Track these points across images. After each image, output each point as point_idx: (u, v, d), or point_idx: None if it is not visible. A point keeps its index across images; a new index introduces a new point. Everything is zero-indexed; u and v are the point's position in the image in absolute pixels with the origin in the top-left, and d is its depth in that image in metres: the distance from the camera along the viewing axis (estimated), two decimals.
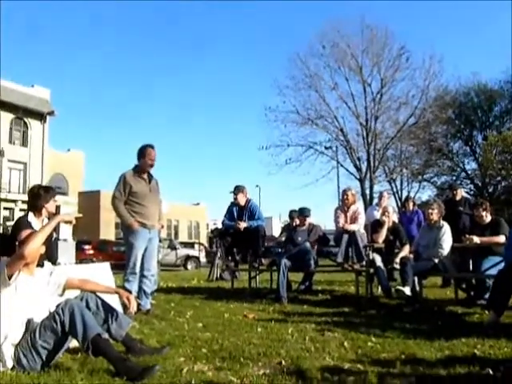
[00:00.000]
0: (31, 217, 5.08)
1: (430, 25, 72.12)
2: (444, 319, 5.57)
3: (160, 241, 16.64)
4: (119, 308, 4.16)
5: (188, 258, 25.64)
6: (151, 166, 6.50)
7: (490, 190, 38.26)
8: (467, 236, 6.67)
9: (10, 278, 3.45)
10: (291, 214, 9.83)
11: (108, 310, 3.74)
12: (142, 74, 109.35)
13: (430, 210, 7.03)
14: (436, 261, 6.69)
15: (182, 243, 31.52)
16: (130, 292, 6.20)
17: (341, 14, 49.63)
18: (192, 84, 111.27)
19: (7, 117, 41.78)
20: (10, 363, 3.35)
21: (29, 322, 3.49)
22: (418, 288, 6.77)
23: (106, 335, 3.51)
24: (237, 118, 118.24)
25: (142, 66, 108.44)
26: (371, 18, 33.80)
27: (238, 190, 8.61)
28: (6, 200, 39.97)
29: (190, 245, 34.63)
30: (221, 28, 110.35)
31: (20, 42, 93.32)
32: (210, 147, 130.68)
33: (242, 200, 8.56)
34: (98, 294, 3.86)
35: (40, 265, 3.82)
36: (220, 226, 10.03)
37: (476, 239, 6.54)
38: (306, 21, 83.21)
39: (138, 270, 6.34)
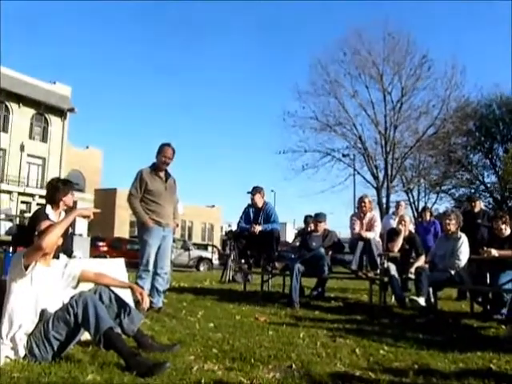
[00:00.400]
0: (49, 209, 5.11)
1: (452, 34, 71.55)
2: (459, 332, 5.48)
3: (174, 241, 16.64)
4: (131, 303, 4.16)
5: (201, 259, 25.61)
6: (165, 163, 6.47)
7: (510, 204, 37.74)
8: (485, 249, 6.58)
9: (26, 268, 3.47)
10: (306, 219, 9.80)
11: (121, 304, 3.75)
12: (161, 74, 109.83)
13: (448, 221, 6.94)
14: (452, 272, 6.61)
15: (195, 244, 31.57)
16: (143, 289, 6.23)
17: (363, 21, 49.36)
18: (211, 85, 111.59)
19: (28, 112, 42.33)
20: (22, 352, 3.38)
21: (43, 313, 3.51)
22: (432, 299, 6.69)
23: (118, 329, 3.50)
24: (255, 121, 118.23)
25: (161, 66, 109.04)
26: (393, 26, 33.40)
27: (255, 190, 8.51)
28: (24, 194, 40.39)
29: (204, 246, 34.65)
30: (242, 31, 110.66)
31: (44, 40, 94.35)
32: (226, 150, 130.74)
33: (259, 201, 8.46)
34: (112, 288, 3.86)
35: (56, 257, 3.83)
36: (234, 228, 10.00)
37: (494, 252, 6.44)
38: (328, 26, 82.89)
39: (151, 267, 6.34)
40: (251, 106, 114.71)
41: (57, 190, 5.19)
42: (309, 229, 9.05)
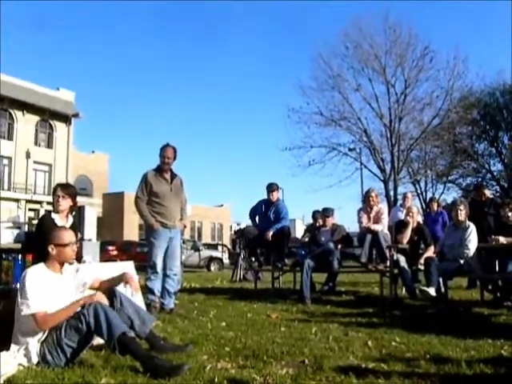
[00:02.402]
0: (54, 214, 5.14)
1: (453, 24, 70.94)
2: (470, 320, 5.50)
3: (183, 242, 16.66)
4: (143, 306, 4.18)
5: (211, 259, 25.68)
6: (165, 163, 6.51)
7: None
8: (493, 236, 6.58)
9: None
10: (314, 215, 9.81)
11: (132, 307, 3.77)
12: (166, 75, 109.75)
13: (459, 210, 6.91)
14: (461, 261, 6.61)
15: (205, 245, 31.61)
16: (153, 291, 6.27)
17: (364, 14, 49.10)
18: (215, 85, 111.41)
19: (33, 119, 42.52)
20: (35, 359, 3.40)
21: None
22: (443, 289, 6.69)
23: (131, 333, 3.51)
24: (260, 119, 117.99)
25: (166, 67, 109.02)
26: (395, 18, 33.18)
27: (272, 186, 8.61)
28: (32, 201, 40.56)
29: (214, 246, 34.71)
30: (243, 28, 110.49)
31: (46, 46, 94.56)
32: (232, 149, 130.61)
33: (275, 197, 8.60)
34: (121, 290, 3.88)
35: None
36: (243, 226, 10.06)
37: (502, 239, 6.45)
38: (329, 20, 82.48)
39: (159, 268, 6.38)
40: (255, 104, 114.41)
41: (53, 194, 5.24)
42: (317, 224, 9.06)
